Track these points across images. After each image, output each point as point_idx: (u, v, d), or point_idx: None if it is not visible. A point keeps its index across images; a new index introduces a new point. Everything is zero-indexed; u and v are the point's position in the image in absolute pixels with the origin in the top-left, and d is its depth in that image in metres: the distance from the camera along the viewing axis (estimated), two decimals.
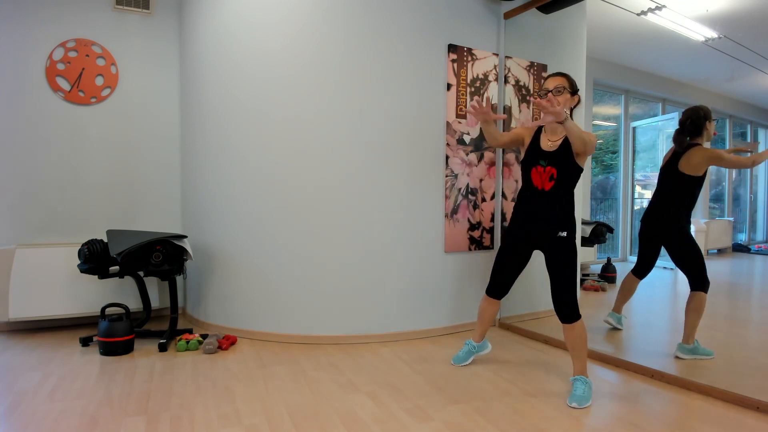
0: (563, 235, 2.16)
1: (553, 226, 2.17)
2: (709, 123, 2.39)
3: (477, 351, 2.57)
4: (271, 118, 2.92)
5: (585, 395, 2.06)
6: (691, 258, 2.52)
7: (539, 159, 2.20)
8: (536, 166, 2.21)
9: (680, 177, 2.48)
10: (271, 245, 2.94)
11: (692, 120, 2.41)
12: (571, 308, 2.14)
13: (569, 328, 2.15)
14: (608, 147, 3.81)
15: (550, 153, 2.17)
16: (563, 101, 2.12)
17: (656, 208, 2.66)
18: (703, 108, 2.40)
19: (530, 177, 2.24)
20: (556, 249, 2.17)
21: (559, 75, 2.19)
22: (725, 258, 3.18)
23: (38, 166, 3.23)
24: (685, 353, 2.53)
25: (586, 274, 3.90)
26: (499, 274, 2.40)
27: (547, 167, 2.17)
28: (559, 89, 2.14)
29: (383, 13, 2.92)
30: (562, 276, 2.15)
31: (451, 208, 3.13)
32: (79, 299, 3.10)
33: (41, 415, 1.90)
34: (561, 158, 2.14)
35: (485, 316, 2.49)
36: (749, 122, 3.10)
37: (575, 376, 2.15)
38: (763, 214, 3.02)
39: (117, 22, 3.40)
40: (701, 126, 2.39)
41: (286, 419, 1.91)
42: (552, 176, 2.16)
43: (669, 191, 2.56)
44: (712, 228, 3.17)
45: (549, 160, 2.17)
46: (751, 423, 1.90)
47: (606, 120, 3.84)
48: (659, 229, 2.66)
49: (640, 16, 3.04)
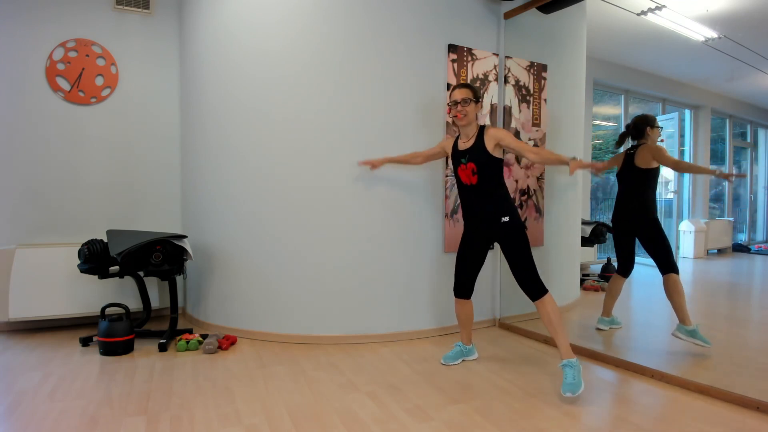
0: (506, 220, 2.34)
1: (494, 215, 2.36)
2: (651, 129, 2.76)
3: (466, 354, 2.62)
4: (271, 118, 2.92)
5: (576, 381, 2.10)
6: (658, 243, 2.71)
7: (460, 158, 2.45)
8: (460, 165, 2.45)
9: (638, 171, 2.78)
10: (271, 245, 2.95)
11: (635, 126, 2.81)
12: (534, 285, 2.26)
13: (540, 305, 2.26)
14: (608, 147, 3.81)
15: (466, 151, 2.42)
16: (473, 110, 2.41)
17: (623, 204, 2.89)
18: (646, 116, 2.80)
19: (459, 176, 2.48)
20: (504, 235, 2.34)
21: (464, 87, 2.44)
22: (725, 258, 3.18)
23: (38, 166, 3.23)
24: (684, 334, 2.58)
25: (586, 274, 3.90)
26: (460, 273, 2.53)
27: (467, 163, 2.40)
28: (467, 100, 2.40)
29: (383, 13, 2.92)
30: (517, 258, 2.30)
31: (451, 208, 3.13)
32: (79, 299, 3.10)
33: (41, 415, 1.90)
34: (476, 153, 2.38)
35: (462, 317, 2.61)
36: (749, 122, 3.10)
37: (562, 362, 2.18)
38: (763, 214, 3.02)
39: (117, 22, 3.41)
40: (643, 131, 2.78)
41: (286, 419, 1.91)
42: (473, 170, 2.39)
43: (631, 186, 2.84)
44: (712, 228, 3.17)
45: (467, 157, 2.41)
46: (751, 423, 1.90)
47: (606, 120, 3.83)
48: (629, 222, 2.85)
49: (640, 16, 3.04)
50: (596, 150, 3.83)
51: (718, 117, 3.10)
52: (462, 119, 2.42)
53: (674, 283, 2.63)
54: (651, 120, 2.78)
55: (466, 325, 2.60)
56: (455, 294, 2.56)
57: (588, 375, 2.40)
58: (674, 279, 2.63)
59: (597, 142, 3.87)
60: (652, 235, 2.74)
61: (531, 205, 3.40)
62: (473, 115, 2.42)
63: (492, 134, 2.36)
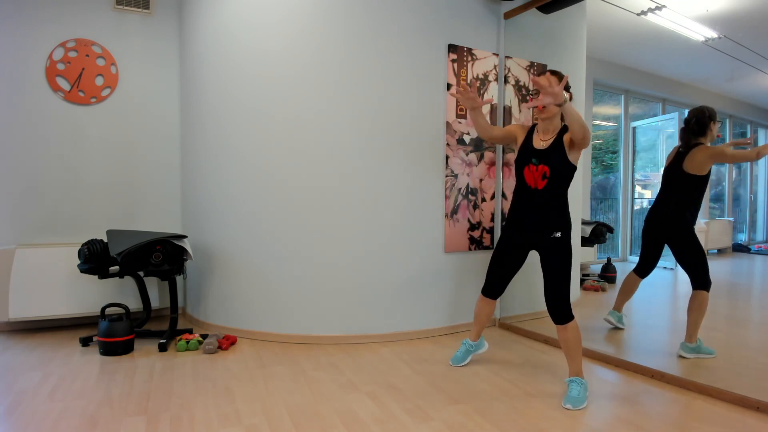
0: (557, 236, 2.16)
1: (548, 226, 2.18)
2: (714, 124, 2.42)
3: (474, 350, 2.57)
4: (271, 118, 2.92)
5: (580, 397, 2.06)
6: (695, 257, 2.53)
7: (531, 157, 2.21)
8: (528, 165, 2.21)
9: (685, 177, 2.51)
10: (271, 245, 2.94)
11: (697, 119, 2.44)
12: (563, 309, 2.14)
13: (562, 330, 2.15)
14: (608, 147, 3.81)
15: (542, 151, 2.18)
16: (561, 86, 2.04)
17: (662, 207, 2.67)
18: (708, 109, 2.42)
19: (523, 176, 2.25)
20: (550, 250, 2.17)
21: (552, 73, 2.18)
22: (725, 258, 3.18)
23: (38, 166, 3.23)
24: (688, 352, 2.53)
25: (586, 274, 3.89)
26: (494, 274, 2.41)
27: (539, 165, 2.17)
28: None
29: (383, 13, 2.92)
30: (556, 277, 2.15)
31: (451, 208, 3.13)
32: (79, 299, 3.10)
33: (41, 415, 1.90)
34: (553, 156, 2.14)
35: (481, 316, 2.51)
36: (749, 122, 3.10)
37: (570, 377, 2.15)
38: (763, 214, 3.02)
39: (117, 22, 3.41)
40: (706, 126, 2.41)
41: (286, 419, 1.91)
42: (545, 174, 2.16)
43: (674, 191, 2.59)
44: (712, 228, 3.17)
45: (541, 159, 2.17)
46: (751, 423, 1.90)
47: (606, 120, 3.83)
48: (665, 228, 2.66)
49: (640, 16, 3.04)
50: (596, 150, 3.83)
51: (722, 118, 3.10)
52: (543, 111, 2.15)
53: (702, 301, 2.49)
54: (713, 113, 2.39)
55: (482, 324, 2.52)
56: (483, 293, 2.46)
57: (588, 375, 2.40)
58: (703, 297, 2.49)
59: (597, 142, 3.87)
60: (689, 248, 2.55)
61: None
62: (557, 109, 2.12)
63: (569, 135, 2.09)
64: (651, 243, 2.74)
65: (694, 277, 2.54)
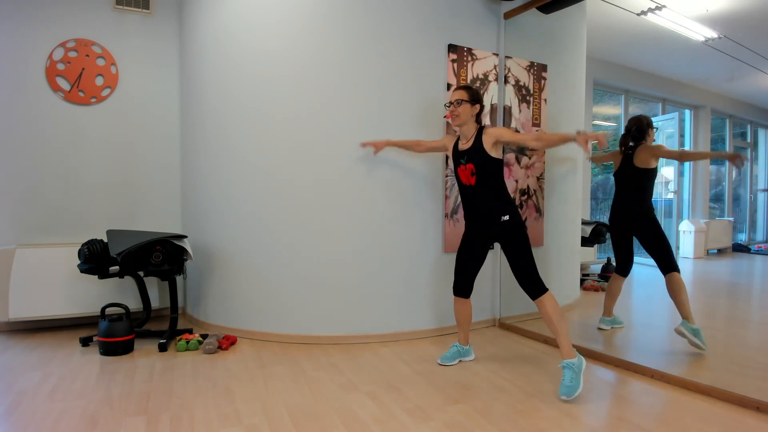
0: (506, 218, 2.34)
1: (493, 214, 2.37)
2: (651, 130, 2.82)
3: (463, 355, 2.61)
4: (271, 118, 2.92)
5: (573, 383, 2.10)
6: (658, 242, 2.72)
7: (459, 159, 2.46)
8: (459, 166, 2.46)
9: (636, 171, 2.81)
10: (270, 245, 2.94)
11: (637, 127, 2.85)
12: (534, 283, 2.26)
13: (540, 304, 2.25)
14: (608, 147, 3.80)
15: (466, 151, 2.43)
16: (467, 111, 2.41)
17: (621, 204, 2.92)
18: (645, 117, 2.86)
19: (458, 176, 2.49)
20: (504, 234, 2.34)
21: (460, 88, 2.46)
22: (725, 258, 3.18)
23: (38, 166, 3.23)
24: (688, 331, 2.59)
25: (586, 274, 3.90)
26: (460, 273, 2.54)
27: (467, 164, 2.41)
28: (459, 101, 2.40)
29: (383, 13, 2.92)
30: (518, 256, 2.30)
31: (451, 208, 3.13)
32: (79, 299, 3.10)
33: (41, 415, 1.90)
34: (475, 153, 2.38)
35: (460, 316, 2.60)
36: (749, 122, 3.10)
37: (563, 362, 2.17)
38: (763, 214, 3.02)
39: (117, 22, 3.41)
40: (645, 131, 2.82)
41: (286, 419, 1.91)
42: (472, 171, 2.39)
43: (629, 186, 2.87)
44: (712, 228, 3.17)
45: (466, 158, 2.42)
46: (751, 423, 1.90)
47: (606, 120, 3.83)
48: (628, 221, 2.88)
49: (640, 16, 3.04)
50: (596, 150, 3.83)
51: (718, 117, 3.09)
52: (454, 119, 2.45)
53: (677, 281, 2.64)
54: (650, 120, 2.84)
55: (464, 325, 2.60)
56: (454, 292, 2.57)
57: (588, 375, 2.40)
58: (676, 277, 2.64)
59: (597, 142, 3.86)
60: (651, 235, 2.76)
61: (531, 205, 3.40)
62: (467, 117, 2.43)
63: (490, 133, 2.37)
64: (621, 239, 2.92)
65: (662, 262, 2.70)
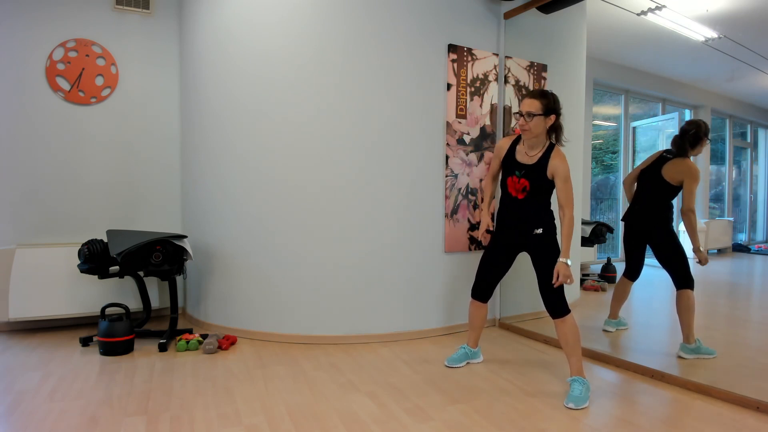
0: (539, 232, 2.25)
1: (529, 226, 2.28)
2: (705, 140, 2.50)
3: (471, 357, 2.59)
4: (271, 118, 2.92)
5: (582, 396, 2.06)
6: (676, 257, 2.58)
7: (515, 170, 2.30)
8: (511, 176, 2.32)
9: (661, 182, 2.62)
10: (271, 245, 2.94)
11: (695, 132, 2.50)
12: (558, 303, 2.19)
13: (560, 324, 2.19)
14: (608, 147, 3.81)
15: (526, 166, 2.26)
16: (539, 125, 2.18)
17: (640, 207, 2.75)
18: (705, 124, 2.50)
19: (507, 185, 2.36)
20: (535, 247, 2.27)
21: (535, 96, 2.19)
22: (725, 258, 3.18)
23: (38, 166, 3.23)
24: (687, 353, 2.54)
25: (586, 274, 3.89)
26: (483, 277, 2.47)
27: (521, 179, 2.27)
28: (531, 114, 2.17)
29: (383, 13, 2.92)
30: (546, 272, 2.21)
31: (451, 208, 3.13)
32: (79, 299, 3.10)
33: (41, 415, 1.90)
34: (535, 173, 2.23)
35: (475, 320, 2.55)
36: (749, 122, 3.10)
37: (572, 377, 2.15)
38: (763, 214, 3.02)
39: (117, 22, 3.40)
40: (699, 140, 2.50)
41: (286, 419, 1.91)
42: (525, 188, 2.27)
43: (653, 193, 2.68)
44: (712, 228, 3.17)
45: (523, 173, 2.27)
46: (751, 423, 1.90)
47: (606, 120, 3.83)
48: (644, 228, 2.73)
49: (640, 16, 3.04)
50: (596, 150, 3.83)
51: (718, 117, 3.09)
52: (524, 134, 2.23)
53: (687, 299, 2.52)
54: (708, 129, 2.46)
55: (477, 329, 2.55)
56: (473, 295, 2.51)
57: (589, 375, 2.41)
58: (688, 296, 2.52)
59: (597, 142, 3.87)
60: (668, 247, 2.61)
61: None
62: (539, 130, 2.19)
63: (554, 164, 2.17)
64: (634, 244, 2.79)
65: (676, 277, 2.57)
